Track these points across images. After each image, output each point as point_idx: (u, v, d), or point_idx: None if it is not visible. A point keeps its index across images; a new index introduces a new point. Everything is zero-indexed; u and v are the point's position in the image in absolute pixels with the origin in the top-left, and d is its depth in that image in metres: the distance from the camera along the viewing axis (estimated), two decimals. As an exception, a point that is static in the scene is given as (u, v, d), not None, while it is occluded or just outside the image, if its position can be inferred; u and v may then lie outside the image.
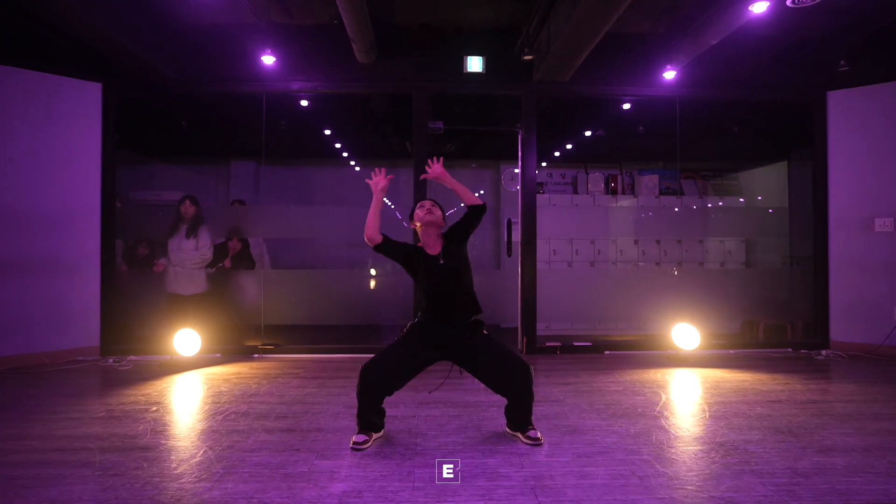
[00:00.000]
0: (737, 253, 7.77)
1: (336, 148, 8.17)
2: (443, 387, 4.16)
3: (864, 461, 2.67)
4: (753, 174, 8.50)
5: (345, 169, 8.59)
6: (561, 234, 7.45)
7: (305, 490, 2.33)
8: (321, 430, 3.12)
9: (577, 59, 4.79)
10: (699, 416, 3.44)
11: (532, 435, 2.90)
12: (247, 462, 2.65)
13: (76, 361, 4.97)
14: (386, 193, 3.21)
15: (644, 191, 8.13)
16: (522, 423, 2.95)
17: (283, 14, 5.07)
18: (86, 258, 5.18)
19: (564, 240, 7.55)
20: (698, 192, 8.27)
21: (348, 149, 8.26)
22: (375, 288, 6.75)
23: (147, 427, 3.18)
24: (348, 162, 8.53)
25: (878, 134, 5.45)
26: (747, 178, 8.57)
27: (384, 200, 7.67)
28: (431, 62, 5.44)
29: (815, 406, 3.64)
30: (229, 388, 4.08)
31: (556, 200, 7.72)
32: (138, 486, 2.36)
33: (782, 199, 6.87)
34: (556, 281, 6.49)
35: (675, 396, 3.90)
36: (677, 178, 8.35)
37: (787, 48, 5.59)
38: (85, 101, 5.18)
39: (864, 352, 5.42)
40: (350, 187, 8.50)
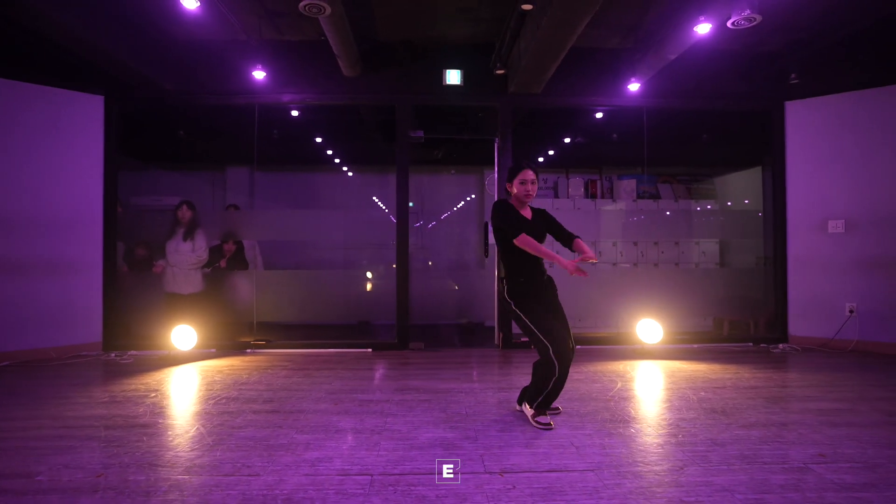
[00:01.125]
0: (711, 254, 8.14)
1: (327, 154, 8.55)
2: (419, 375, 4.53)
3: (777, 433, 3.04)
4: (729, 179, 8.87)
5: (336, 175, 8.97)
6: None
7: (284, 457, 2.70)
8: (302, 412, 3.49)
9: (546, 73, 5.17)
10: (646, 400, 3.81)
11: (539, 420, 3.16)
12: (234, 436, 3.01)
13: (80, 356, 5.33)
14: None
15: (622, 195, 8.51)
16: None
17: (274, 31, 5.44)
18: (89, 260, 5.54)
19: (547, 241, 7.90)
20: (674, 196, 8.65)
21: (339, 155, 8.64)
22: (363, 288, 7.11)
23: (147, 409, 3.54)
24: (339, 168, 8.91)
25: (832, 142, 5.82)
26: (723, 183, 8.94)
27: (380, 204, 8.04)
28: (413, 75, 5.82)
29: (754, 391, 4.00)
30: (222, 378, 4.44)
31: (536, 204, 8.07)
32: (139, 454, 2.72)
33: (757, 202, 7.24)
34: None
35: (629, 384, 4.26)
36: (654, 182, 8.74)
37: (747, 61, 5.98)
38: (88, 113, 5.55)
39: (818, 345, 5.78)
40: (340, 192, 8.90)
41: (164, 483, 2.39)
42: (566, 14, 3.87)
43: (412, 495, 2.28)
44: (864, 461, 2.64)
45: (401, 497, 2.26)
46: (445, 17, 5.22)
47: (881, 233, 5.55)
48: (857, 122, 5.69)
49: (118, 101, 5.68)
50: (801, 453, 2.74)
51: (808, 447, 2.83)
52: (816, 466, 2.57)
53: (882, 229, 5.55)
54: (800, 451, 2.77)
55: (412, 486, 2.36)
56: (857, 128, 5.69)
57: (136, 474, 2.48)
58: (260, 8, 4.96)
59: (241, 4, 4.87)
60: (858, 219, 5.67)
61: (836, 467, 2.56)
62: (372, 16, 5.21)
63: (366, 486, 2.36)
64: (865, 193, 5.65)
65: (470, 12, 5.12)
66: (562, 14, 3.88)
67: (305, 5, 3.79)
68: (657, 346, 5.70)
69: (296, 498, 2.25)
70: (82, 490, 2.32)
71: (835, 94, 5.81)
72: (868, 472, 2.50)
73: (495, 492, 2.30)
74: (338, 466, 2.59)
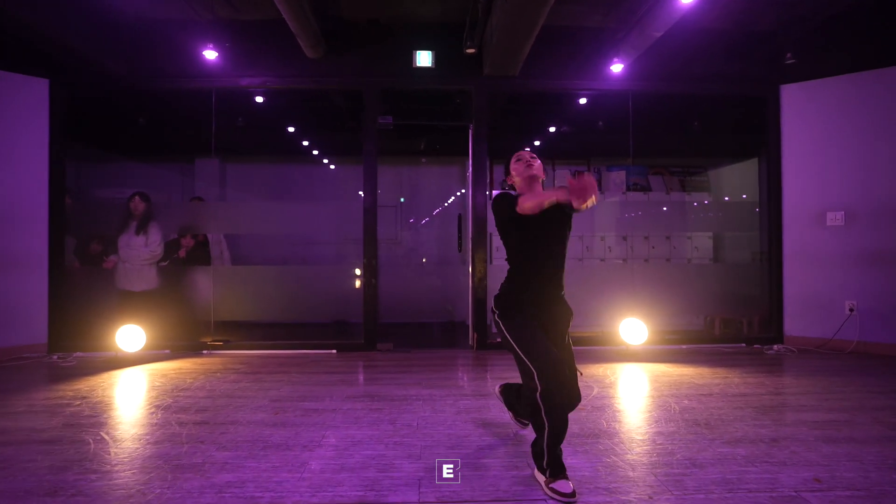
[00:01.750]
0: (704, 249, 7.75)
1: (303, 145, 8.16)
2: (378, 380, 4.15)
3: (766, 451, 2.66)
4: (724, 171, 8.49)
5: (313, 166, 8.57)
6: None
7: (190, 481, 2.32)
8: (235, 423, 3.11)
9: (521, 52, 4.77)
10: (622, 410, 3.43)
11: (555, 487, 2.17)
12: (143, 454, 2.63)
13: (21, 358, 4.95)
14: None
15: (611, 186, 8.10)
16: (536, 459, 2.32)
17: (228, 9, 5.05)
18: (33, 255, 5.15)
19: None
20: (666, 189, 8.26)
21: (315, 145, 8.25)
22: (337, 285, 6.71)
23: (61, 421, 3.16)
24: (316, 159, 8.51)
25: (830, 128, 5.43)
26: (718, 176, 8.55)
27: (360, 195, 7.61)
28: (381, 57, 5.42)
29: (743, 399, 3.62)
30: (163, 383, 4.06)
31: (521, 196, 7.69)
32: (19, 479, 2.34)
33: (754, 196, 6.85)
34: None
35: (606, 390, 3.88)
36: (645, 174, 8.34)
37: (739, 41, 5.59)
38: (32, 97, 5.16)
39: (815, 346, 5.40)
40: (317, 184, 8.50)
41: (32, 517, 2.01)
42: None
43: (322, 534, 1.90)
44: (866, 488, 2.26)
45: (308, 536, 1.88)
46: (412, -8, 4.83)
47: (884, 225, 5.16)
48: (858, 106, 5.29)
49: (65, 85, 5.29)
50: (792, 477, 2.36)
51: (801, 469, 2.45)
52: (810, 495, 2.19)
53: (885, 221, 5.16)
54: (791, 475, 2.38)
55: (326, 521, 1.98)
56: (858, 112, 5.29)
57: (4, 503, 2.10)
58: (210, -19, 4.57)
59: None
60: (860, 210, 5.28)
61: (833, 496, 2.18)
62: (333, -9, 4.82)
63: (271, 521, 1.98)
64: (867, 183, 5.25)
65: (438, -15, 4.72)
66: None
67: (242, -31, 3.40)
68: (644, 347, 5.31)
69: (180, 537, 1.87)
70: (-70, 526, 1.94)
71: (834, 76, 5.41)
72: (866, 501, 2.12)
73: (422, 529, 1.92)
74: (249, 493, 2.20)
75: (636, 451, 2.66)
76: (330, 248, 7.71)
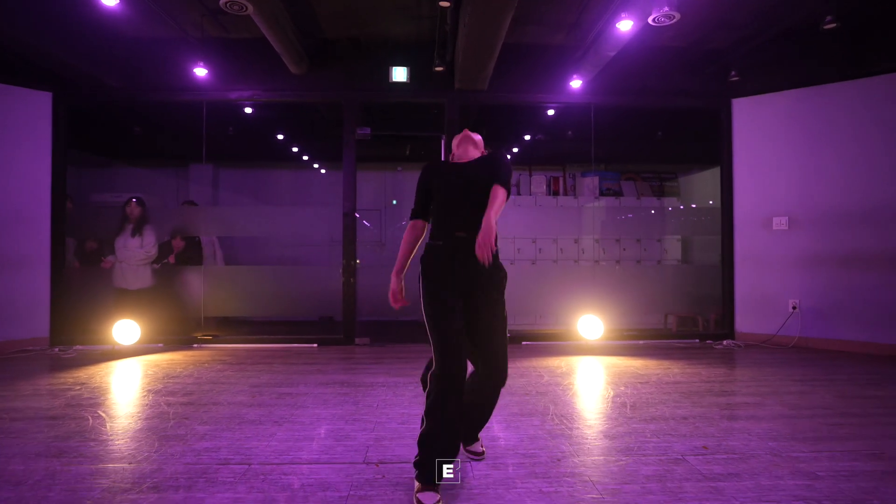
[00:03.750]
0: (674, 251, 8.18)
1: (290, 151, 8.58)
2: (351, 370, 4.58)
3: (674, 427, 3.08)
4: (695, 177, 8.90)
5: (302, 171, 9.00)
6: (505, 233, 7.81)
7: (174, 447, 2.74)
8: (217, 404, 3.53)
9: (486, 69, 5.20)
10: (562, 394, 3.85)
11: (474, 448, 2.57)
12: (135, 428, 3.05)
13: (24, 351, 5.36)
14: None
15: (585, 191, 8.54)
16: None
17: (219, 29, 5.47)
18: (36, 255, 5.57)
19: (507, 238, 7.92)
20: (637, 194, 8.69)
21: (302, 151, 8.68)
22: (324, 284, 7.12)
23: (63, 402, 3.58)
24: (302, 164, 8.93)
25: (777, 139, 5.86)
26: (689, 182, 8.98)
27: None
28: (359, 72, 5.85)
29: (674, 386, 4.04)
30: (154, 372, 4.48)
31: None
32: (31, 445, 2.76)
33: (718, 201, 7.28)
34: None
35: (557, 379, 4.30)
36: (617, 179, 8.78)
37: (693, 58, 6.02)
38: (35, 109, 5.58)
39: (762, 341, 5.83)
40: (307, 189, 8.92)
41: (41, 471, 2.43)
42: (486, 10, 3.90)
43: (279, 484, 2.32)
44: (742, 452, 2.68)
45: (267, 485, 2.30)
46: (386, 14, 5.25)
47: (823, 230, 5.59)
48: (802, 120, 5.73)
49: (66, 98, 5.71)
50: (685, 446, 2.78)
51: (696, 440, 2.87)
52: (693, 458, 2.61)
53: (824, 226, 5.59)
54: (685, 444, 2.81)
55: (284, 475, 2.41)
56: (802, 125, 5.73)
57: (17, 464, 2.52)
58: (200, 6, 4.98)
59: (178, 3, 4.90)
60: (802, 216, 5.72)
61: (711, 458, 2.61)
62: (314, 13, 5.24)
63: (239, 475, 2.40)
64: (809, 191, 5.69)
65: (409, 10, 5.14)
66: (482, 10, 3.91)
67: (226, 2, 3.82)
68: (602, 343, 5.74)
69: (163, 485, 2.29)
70: (-43, 478, 2.36)
71: (779, 91, 5.85)
72: (739, 463, 2.55)
73: (361, 482, 2.35)
74: (222, 456, 2.63)
75: (560, 427, 3.09)
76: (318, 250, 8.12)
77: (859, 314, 5.40)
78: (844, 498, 2.20)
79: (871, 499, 2.19)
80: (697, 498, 2.20)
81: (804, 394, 3.81)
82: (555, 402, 3.61)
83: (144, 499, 2.18)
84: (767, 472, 2.44)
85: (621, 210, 8.19)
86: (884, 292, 5.27)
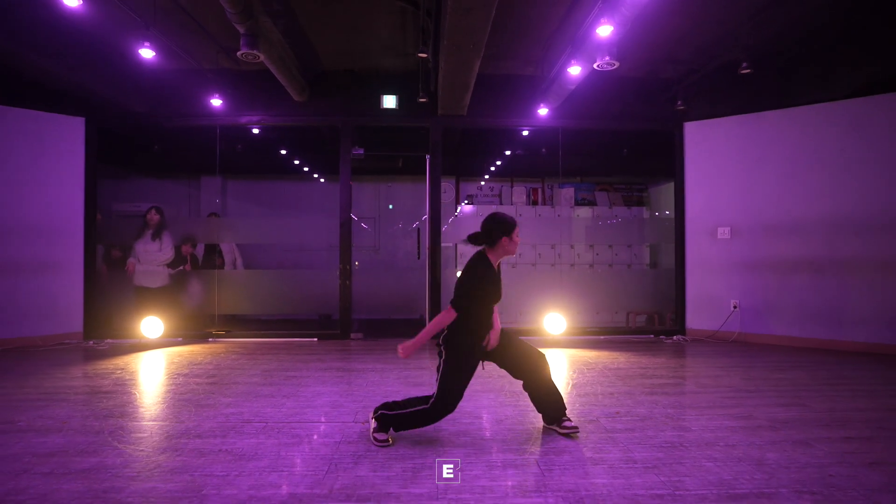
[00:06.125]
0: (642, 256, 9.00)
1: (293, 164, 9.42)
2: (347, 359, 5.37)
3: (601, 400, 3.90)
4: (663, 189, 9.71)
5: (302, 182, 9.83)
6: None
7: (207, 412, 3.55)
8: (236, 383, 4.34)
9: (463, 100, 6.02)
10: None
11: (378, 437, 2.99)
12: (173, 399, 3.87)
13: (63, 344, 6.17)
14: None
15: (562, 201, 9.38)
16: None
17: (231, 62, 6.28)
18: (72, 261, 6.38)
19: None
20: (609, 203, 9.52)
21: (304, 165, 9.51)
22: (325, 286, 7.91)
23: (110, 381, 4.39)
24: (304, 176, 9.77)
25: (721, 159, 6.68)
26: (658, 193, 9.79)
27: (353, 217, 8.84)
28: (354, 100, 6.67)
29: (615, 371, 4.86)
30: (180, 360, 5.30)
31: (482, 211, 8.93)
32: (97, 410, 3.58)
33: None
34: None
35: (517, 365, 5.10)
36: (592, 190, 9.62)
37: (649, 86, 6.84)
38: (71, 133, 6.39)
39: (707, 336, 6.65)
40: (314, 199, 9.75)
41: (113, 426, 3.24)
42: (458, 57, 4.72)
43: (290, 434, 3.14)
44: (643, 416, 3.50)
45: (281, 436, 3.12)
46: (377, 51, 6.08)
47: (759, 238, 6.41)
48: (740, 142, 6.55)
49: (97, 122, 6.52)
50: (602, 411, 3.60)
51: (613, 407, 3.69)
52: (605, 420, 3.43)
53: (760, 235, 6.41)
54: (603, 411, 3.62)
55: (293, 429, 3.22)
56: (740, 147, 6.55)
57: (93, 421, 3.33)
58: (216, 45, 5.80)
59: (197, 44, 5.73)
60: (742, 226, 6.54)
61: (619, 419, 3.42)
62: (315, 51, 6.06)
63: (259, 429, 3.22)
64: (748, 204, 6.51)
65: (396, 48, 5.97)
66: (454, 57, 4.73)
67: (242, 54, 4.64)
68: (566, 338, 6.55)
69: (204, 435, 3.11)
70: (51, 430, 3.17)
71: (722, 117, 6.67)
72: (637, 422, 3.36)
73: (350, 433, 3.16)
74: (245, 417, 3.44)
75: (510, 400, 3.90)
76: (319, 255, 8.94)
77: (788, 312, 6.22)
78: (701, 442, 3.01)
79: (719, 442, 3.00)
80: (595, 443, 3.01)
81: (718, 377, 4.62)
82: (511, 382, 4.40)
83: (192, 442, 2.99)
84: (655, 428, 3.26)
85: (595, 218, 9.02)
86: (807, 293, 6.09)
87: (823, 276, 6.04)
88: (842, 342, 5.91)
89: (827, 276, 6.02)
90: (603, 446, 2.95)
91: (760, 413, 3.56)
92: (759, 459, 2.74)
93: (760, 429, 3.23)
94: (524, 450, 2.92)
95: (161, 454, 2.82)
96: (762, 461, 2.72)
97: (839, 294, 5.96)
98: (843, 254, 5.94)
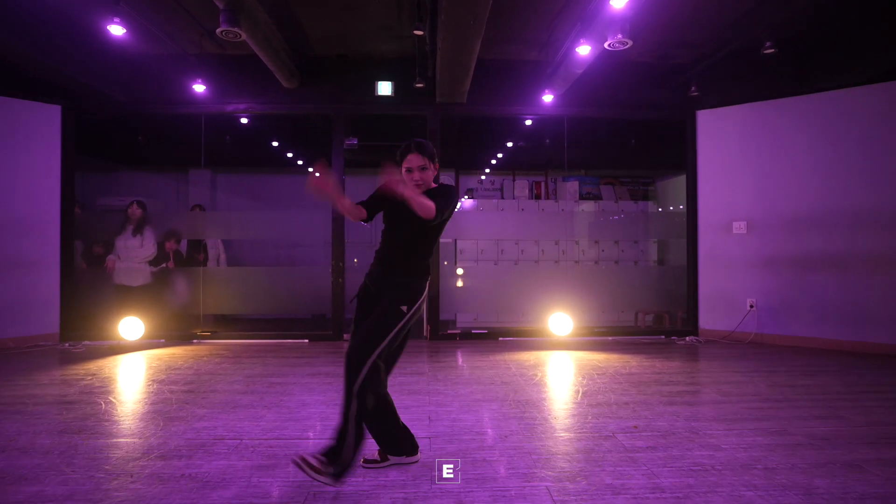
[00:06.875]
0: (650, 252, 8.61)
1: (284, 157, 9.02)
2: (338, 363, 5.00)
3: (615, 411, 3.52)
4: (670, 183, 9.32)
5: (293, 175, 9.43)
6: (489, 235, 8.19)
7: (177, 426, 3.17)
8: (214, 392, 3.96)
9: (462, 85, 5.63)
10: (523, 384, 4.28)
11: None
12: (139, 411, 3.49)
13: (37, 346, 5.79)
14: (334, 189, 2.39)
15: (566, 195, 8.98)
16: None
17: (216, 46, 5.88)
18: (47, 258, 5.99)
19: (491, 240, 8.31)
20: (615, 198, 9.12)
21: (296, 157, 9.11)
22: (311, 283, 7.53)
23: (76, 389, 4.01)
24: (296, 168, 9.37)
25: (736, 149, 6.29)
26: (666, 186, 9.39)
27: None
28: (347, 87, 6.28)
29: (627, 377, 4.48)
30: (158, 365, 4.92)
31: (483, 206, 8.55)
32: (52, 425, 3.20)
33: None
34: (482, 277, 7.24)
35: (525, 371, 4.73)
36: (597, 183, 9.22)
37: (660, 72, 6.44)
38: (46, 121, 6.00)
39: (721, 337, 6.27)
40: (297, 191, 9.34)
41: (65, 444, 2.87)
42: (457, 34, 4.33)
43: (265, 454, 2.76)
44: (665, 431, 3.12)
45: (255, 456, 2.74)
46: (371, 34, 5.68)
47: (778, 233, 6.03)
48: (757, 131, 6.16)
49: (74, 110, 6.13)
50: (618, 425, 3.22)
51: (630, 420, 3.31)
52: (622, 436, 3.05)
53: (778, 230, 6.02)
54: (619, 424, 3.25)
55: (271, 447, 2.84)
56: (757, 136, 6.16)
57: (44, 439, 2.95)
58: (198, 26, 5.40)
59: (179, 26, 5.33)
60: (759, 220, 6.15)
61: (638, 435, 3.04)
62: (305, 35, 5.66)
63: (231, 448, 2.84)
64: (765, 197, 6.12)
65: (392, 30, 5.57)
66: (453, 34, 4.34)
67: (222, 31, 4.25)
68: (573, 339, 6.18)
69: (168, 455, 2.73)
70: (-6, 450, 2.80)
71: (737, 104, 6.28)
72: (659, 439, 2.99)
73: (335, 452, 2.78)
74: (218, 433, 3.06)
75: (515, 411, 3.52)
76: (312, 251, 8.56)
77: (808, 312, 5.84)
78: (735, 464, 2.63)
79: (756, 464, 2.62)
80: (614, 465, 2.64)
81: (741, 383, 4.25)
82: (515, 390, 4.05)
83: (152, 465, 2.61)
84: (680, 446, 2.88)
85: (600, 213, 8.62)
86: (829, 291, 5.71)
87: (847, 273, 5.66)
88: (867, 343, 5.52)
89: (850, 273, 5.64)
90: (624, 469, 2.57)
91: (795, 427, 3.18)
92: (808, 488, 2.36)
93: (800, 447, 2.85)
94: (533, 475, 2.54)
95: (113, 480, 2.44)
96: (811, 490, 2.34)
97: (864, 292, 5.58)
98: (869, 249, 5.56)
